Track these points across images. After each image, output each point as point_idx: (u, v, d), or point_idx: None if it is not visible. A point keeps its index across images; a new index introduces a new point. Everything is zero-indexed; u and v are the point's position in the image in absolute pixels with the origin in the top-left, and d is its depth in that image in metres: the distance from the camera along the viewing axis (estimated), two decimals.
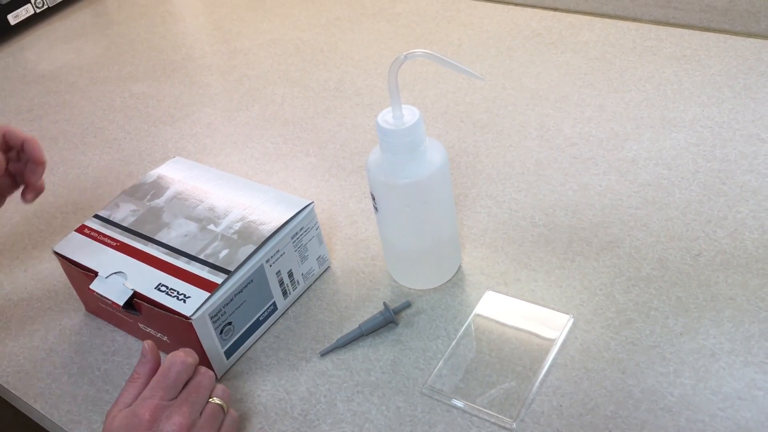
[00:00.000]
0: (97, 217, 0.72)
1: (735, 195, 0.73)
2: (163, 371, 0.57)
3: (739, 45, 0.93)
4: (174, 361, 0.57)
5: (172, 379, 0.57)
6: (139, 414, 0.54)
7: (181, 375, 0.57)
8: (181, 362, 0.57)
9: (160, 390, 0.56)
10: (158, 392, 0.56)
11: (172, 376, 0.57)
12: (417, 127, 0.60)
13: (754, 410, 0.55)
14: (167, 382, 0.56)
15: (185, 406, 0.56)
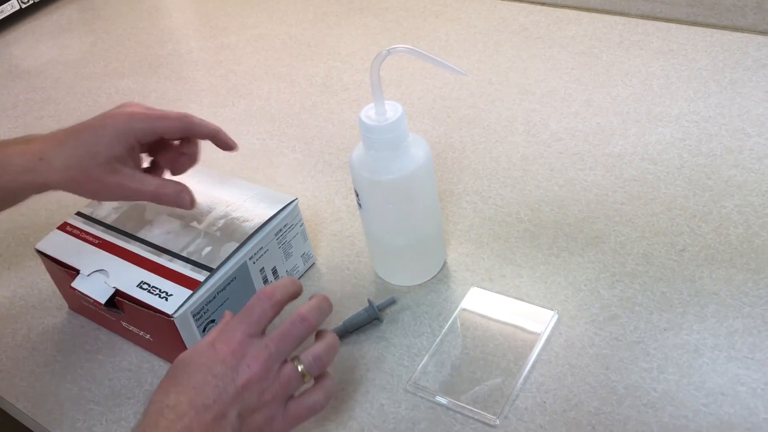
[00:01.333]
0: (79, 215, 0.71)
1: (720, 190, 0.73)
2: (248, 307, 0.52)
3: (725, 39, 0.93)
4: (259, 296, 0.52)
5: (257, 315, 0.52)
6: (219, 343, 0.51)
7: (266, 312, 0.52)
8: (266, 298, 0.52)
9: (244, 324, 0.51)
10: (242, 326, 0.51)
11: (257, 312, 0.52)
12: (400, 123, 0.60)
13: (737, 406, 0.55)
14: (252, 318, 0.52)
15: (264, 352, 0.51)
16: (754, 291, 0.63)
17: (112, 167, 0.60)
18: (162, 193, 0.61)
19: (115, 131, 0.60)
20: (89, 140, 0.59)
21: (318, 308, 0.54)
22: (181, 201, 0.62)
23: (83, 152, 0.59)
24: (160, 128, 0.62)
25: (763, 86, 0.84)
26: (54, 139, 0.60)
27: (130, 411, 0.63)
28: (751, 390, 0.56)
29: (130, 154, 0.61)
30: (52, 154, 0.59)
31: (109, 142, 0.59)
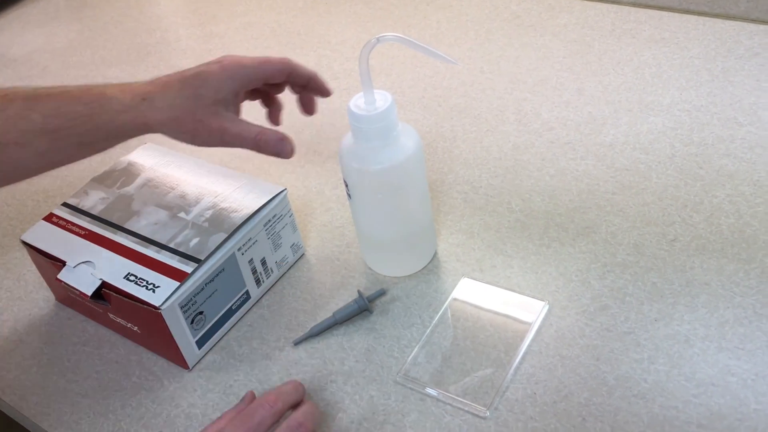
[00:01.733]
0: (65, 205, 0.71)
1: (711, 179, 0.72)
2: (249, 411, 0.53)
3: (718, 27, 0.93)
4: (262, 403, 0.54)
5: (256, 422, 0.52)
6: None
7: (265, 420, 0.53)
8: (269, 406, 0.53)
9: (241, 429, 0.52)
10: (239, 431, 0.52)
11: (257, 419, 0.52)
12: (389, 113, 0.59)
13: (727, 396, 0.55)
14: (250, 424, 0.52)
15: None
16: (745, 281, 0.62)
17: (216, 110, 0.58)
18: (262, 140, 0.59)
19: (223, 75, 0.58)
20: (195, 84, 0.58)
21: (311, 414, 0.55)
22: (282, 149, 0.60)
23: (189, 94, 0.58)
24: (266, 72, 0.60)
25: (755, 75, 0.84)
26: (157, 82, 0.59)
27: (118, 403, 0.63)
28: (741, 381, 0.55)
29: (233, 99, 0.60)
30: (156, 95, 0.58)
31: (216, 86, 0.58)
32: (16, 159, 0.58)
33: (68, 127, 0.57)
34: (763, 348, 0.57)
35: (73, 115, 0.57)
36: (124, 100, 0.57)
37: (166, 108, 0.57)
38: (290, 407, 0.56)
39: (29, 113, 0.57)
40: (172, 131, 0.59)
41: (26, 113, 0.57)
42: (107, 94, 0.58)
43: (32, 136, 0.57)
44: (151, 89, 0.58)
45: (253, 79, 0.60)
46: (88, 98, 0.57)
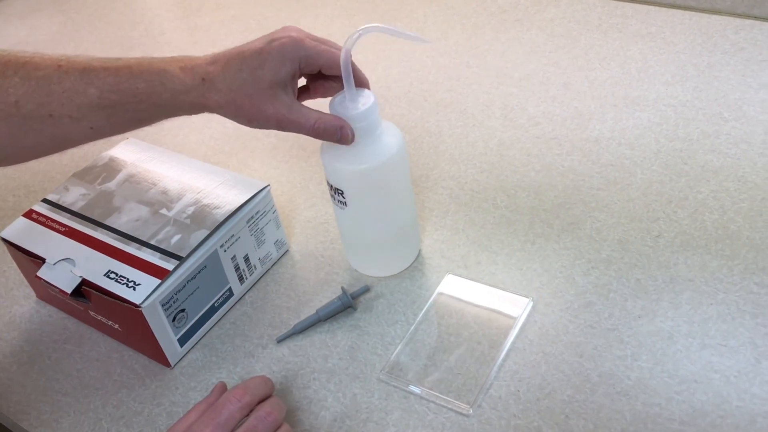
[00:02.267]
0: (45, 202, 0.70)
1: (696, 175, 0.72)
2: (218, 406, 0.53)
3: (704, 22, 0.93)
4: (230, 397, 0.53)
5: (224, 417, 0.52)
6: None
7: (234, 414, 0.52)
8: (237, 400, 0.53)
9: (210, 426, 0.52)
10: (208, 427, 0.51)
11: (225, 414, 0.52)
12: (372, 111, 0.58)
13: (710, 393, 0.55)
14: (219, 420, 0.52)
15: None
16: (729, 277, 0.62)
17: (273, 93, 0.57)
18: (321, 128, 0.58)
19: (281, 56, 0.57)
20: (254, 63, 0.56)
21: (278, 405, 0.55)
22: (342, 136, 0.59)
23: (247, 75, 0.56)
24: (323, 63, 0.58)
25: (741, 70, 0.84)
26: (217, 60, 0.57)
27: (99, 402, 0.62)
28: (724, 377, 0.55)
29: (290, 81, 0.58)
30: (216, 75, 0.56)
31: (274, 67, 0.56)
32: (69, 132, 0.57)
33: (126, 103, 0.56)
34: (746, 345, 0.57)
35: (132, 92, 0.56)
36: (186, 80, 0.56)
37: (225, 91, 0.56)
38: (260, 400, 0.55)
39: (86, 87, 0.55)
40: (230, 114, 0.58)
41: (83, 87, 0.55)
42: (168, 72, 0.56)
43: (88, 111, 0.56)
44: (211, 69, 0.56)
45: (310, 65, 0.58)
46: (149, 75, 0.56)
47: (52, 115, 0.55)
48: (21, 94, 0.55)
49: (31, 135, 0.56)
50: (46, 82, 0.55)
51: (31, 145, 0.58)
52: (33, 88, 0.55)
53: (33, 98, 0.55)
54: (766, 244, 0.64)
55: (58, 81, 0.55)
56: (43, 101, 0.55)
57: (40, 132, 0.56)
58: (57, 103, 0.55)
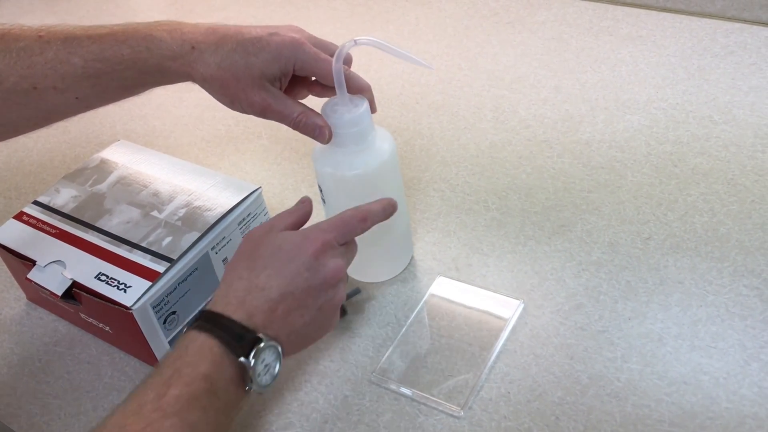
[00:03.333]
0: (36, 204, 0.70)
1: (686, 177, 0.73)
2: (344, 218, 0.56)
3: (694, 25, 0.93)
4: (356, 215, 0.56)
5: (347, 231, 0.55)
6: (312, 237, 0.53)
7: (354, 231, 0.56)
8: (361, 220, 0.56)
9: (336, 232, 0.54)
10: (334, 233, 0.54)
11: (348, 229, 0.55)
12: (364, 117, 0.58)
13: (699, 395, 0.55)
14: (345, 230, 0.55)
15: (346, 259, 0.55)
16: (718, 280, 0.63)
17: (262, 83, 0.57)
18: (303, 122, 0.58)
19: (278, 52, 0.56)
20: (250, 50, 0.56)
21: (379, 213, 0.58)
22: (320, 134, 0.59)
23: (239, 58, 0.55)
24: (318, 72, 0.58)
25: (731, 73, 0.84)
26: (210, 32, 0.56)
27: (89, 405, 0.62)
28: (713, 379, 0.56)
29: (281, 77, 0.58)
30: (208, 47, 0.55)
31: (267, 60, 0.56)
32: (54, 104, 0.56)
33: (111, 71, 0.55)
34: (735, 346, 0.58)
35: (117, 59, 0.54)
36: (173, 45, 0.55)
37: (213, 65, 0.55)
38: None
39: (69, 57, 0.54)
40: (213, 89, 0.57)
41: (66, 57, 0.54)
42: (155, 37, 0.55)
43: (72, 81, 0.55)
44: (202, 39, 0.55)
45: (306, 70, 0.58)
46: (134, 41, 0.55)
47: (36, 88, 0.54)
48: (1, 68, 0.53)
49: (15, 109, 0.55)
50: (28, 53, 0.54)
51: (15, 119, 0.56)
52: (14, 60, 0.54)
53: (14, 71, 0.53)
54: (756, 247, 0.65)
55: (39, 51, 0.54)
56: (26, 73, 0.54)
57: (25, 106, 0.55)
58: (40, 74, 0.54)
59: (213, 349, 0.48)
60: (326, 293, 0.53)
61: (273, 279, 0.51)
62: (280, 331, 0.51)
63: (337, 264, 0.53)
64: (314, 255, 0.53)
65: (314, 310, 0.53)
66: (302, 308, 0.52)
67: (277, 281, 0.51)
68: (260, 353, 0.49)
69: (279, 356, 0.51)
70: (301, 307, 0.52)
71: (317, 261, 0.53)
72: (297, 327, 0.52)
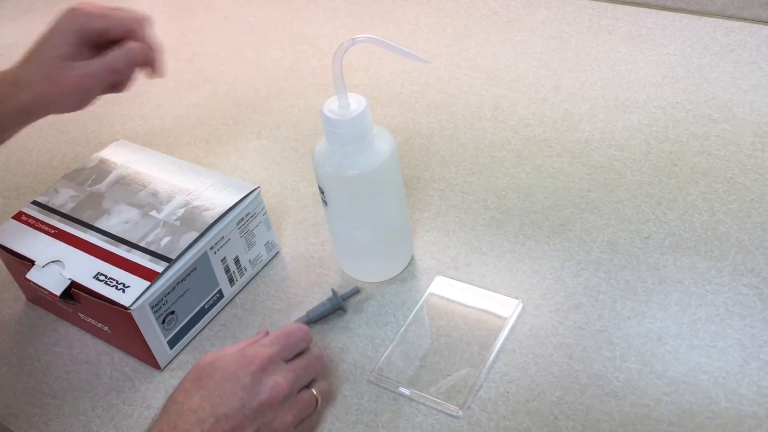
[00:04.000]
0: (35, 203, 0.70)
1: (686, 176, 0.73)
2: (288, 331, 0.56)
3: (694, 24, 0.93)
4: (300, 327, 0.57)
5: (293, 342, 0.55)
6: (250, 355, 0.53)
7: (300, 343, 0.56)
8: (305, 332, 0.57)
9: (279, 345, 0.54)
10: (276, 346, 0.54)
11: (294, 339, 0.55)
12: (364, 116, 0.58)
13: (698, 394, 0.55)
14: (288, 342, 0.55)
15: (291, 374, 0.54)
16: (718, 279, 0.63)
17: (67, 65, 0.57)
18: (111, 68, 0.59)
19: (58, 30, 0.58)
20: (40, 46, 0.57)
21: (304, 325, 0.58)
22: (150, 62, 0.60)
23: (38, 59, 0.57)
24: (100, 26, 0.59)
25: (730, 72, 0.84)
26: (21, 59, 0.58)
27: (88, 405, 0.62)
28: (712, 378, 0.56)
29: (78, 51, 0.58)
30: (20, 74, 0.57)
31: (55, 42, 0.57)
32: None
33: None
34: (734, 346, 0.57)
35: None
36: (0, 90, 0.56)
37: (29, 85, 0.56)
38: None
39: None
40: (48, 106, 0.57)
41: None
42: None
43: None
44: (16, 70, 0.57)
45: (88, 31, 0.58)
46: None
47: None
48: None
49: None
50: None
51: None
52: None
53: None
54: (755, 246, 0.65)
55: None
56: None
57: None
58: None
59: None
60: (264, 415, 0.51)
61: (206, 400, 0.50)
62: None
63: (277, 383, 0.52)
64: (252, 373, 0.52)
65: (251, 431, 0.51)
66: (238, 430, 0.50)
67: (210, 402, 0.50)
68: None
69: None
70: (236, 429, 0.50)
71: (254, 379, 0.51)
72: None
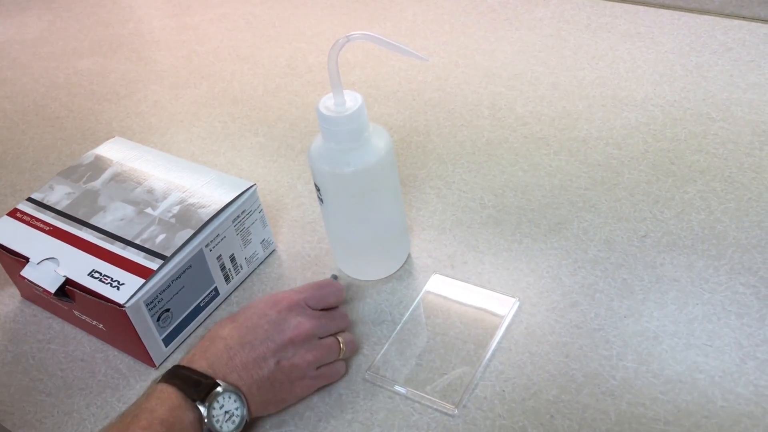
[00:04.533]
0: (30, 201, 0.69)
1: (683, 175, 0.72)
2: (320, 283, 0.60)
3: (692, 22, 0.93)
4: (333, 283, 0.61)
5: (323, 294, 0.59)
6: (280, 296, 0.57)
7: (330, 296, 0.60)
8: (338, 289, 0.60)
9: (310, 292, 0.59)
10: (306, 293, 0.58)
11: (325, 291, 0.59)
12: (359, 114, 0.58)
13: (694, 393, 0.55)
14: (318, 293, 0.59)
15: (315, 320, 0.57)
16: (714, 277, 0.62)
17: None
18: None
19: None
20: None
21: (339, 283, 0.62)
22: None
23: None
24: None
25: (729, 70, 0.84)
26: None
27: (83, 402, 0.62)
28: (709, 378, 0.55)
29: None
30: None
31: None
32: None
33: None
34: (731, 345, 0.57)
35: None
36: None
37: None
38: None
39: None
40: None
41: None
42: None
43: None
44: None
45: None
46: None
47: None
48: None
49: None
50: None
51: None
52: None
53: None
54: (752, 245, 0.64)
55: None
56: None
57: None
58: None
59: (171, 396, 0.51)
60: (285, 350, 0.55)
61: (235, 330, 0.55)
62: (240, 381, 0.53)
63: (300, 322, 0.56)
64: (279, 311, 0.56)
65: (273, 364, 0.54)
66: (260, 360, 0.54)
67: (238, 332, 0.55)
68: (216, 398, 0.51)
69: (242, 405, 0.53)
70: (259, 358, 0.54)
71: (281, 317, 0.56)
72: (257, 379, 0.54)
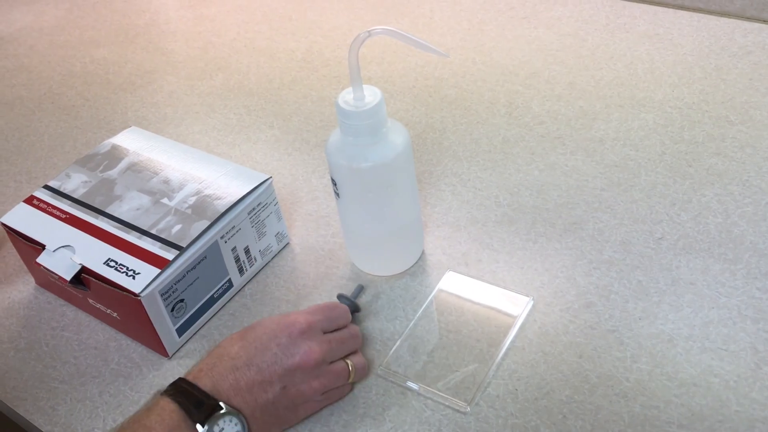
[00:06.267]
0: (46, 188, 0.70)
1: (701, 178, 0.72)
2: (331, 305, 0.59)
3: (712, 24, 0.92)
4: (343, 304, 0.60)
5: (335, 315, 0.58)
6: (292, 319, 0.56)
7: (341, 318, 0.59)
8: (345, 310, 0.59)
9: (322, 315, 0.57)
10: (319, 315, 0.57)
11: (336, 313, 0.58)
12: (378, 109, 0.58)
13: (708, 397, 0.54)
14: (330, 314, 0.58)
15: (326, 344, 0.56)
16: (731, 282, 0.62)
17: None
18: None
19: None
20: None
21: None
22: None
23: None
24: None
25: (748, 73, 0.84)
26: None
27: (95, 390, 0.62)
28: (723, 382, 0.55)
29: None
30: None
31: None
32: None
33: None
34: (747, 350, 0.57)
35: None
36: None
37: None
38: None
39: None
40: None
41: None
42: None
43: None
44: None
45: None
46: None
47: None
48: None
49: None
50: None
51: None
52: None
53: None
54: None
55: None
56: None
57: None
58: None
59: (172, 415, 0.50)
60: (293, 375, 0.54)
61: (243, 350, 0.54)
62: (244, 405, 0.52)
63: (311, 348, 0.54)
64: (290, 335, 0.55)
65: (278, 389, 0.53)
66: (266, 384, 0.53)
67: (247, 352, 0.53)
68: (216, 420, 0.50)
69: (243, 429, 0.51)
70: (265, 382, 0.53)
71: (290, 341, 0.54)
72: (261, 403, 0.53)
